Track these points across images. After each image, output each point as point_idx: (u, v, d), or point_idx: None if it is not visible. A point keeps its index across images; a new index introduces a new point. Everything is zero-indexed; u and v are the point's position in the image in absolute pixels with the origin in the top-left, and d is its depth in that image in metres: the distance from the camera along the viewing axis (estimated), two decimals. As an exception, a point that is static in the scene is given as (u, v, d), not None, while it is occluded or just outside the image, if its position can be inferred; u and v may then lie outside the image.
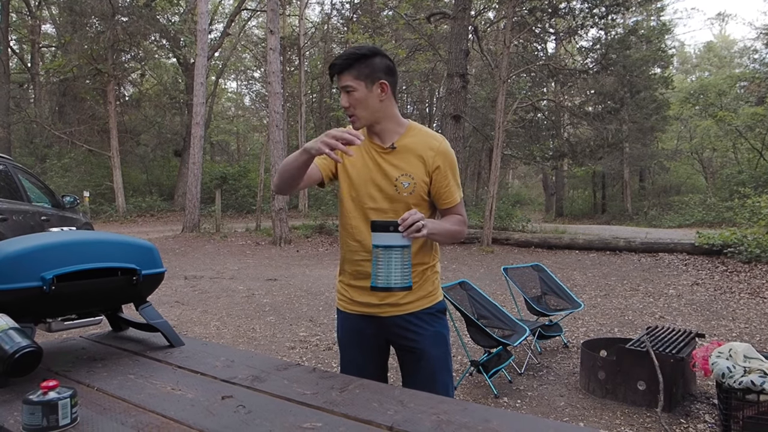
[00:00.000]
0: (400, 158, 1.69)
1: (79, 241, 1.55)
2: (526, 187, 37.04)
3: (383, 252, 1.44)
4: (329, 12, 26.00)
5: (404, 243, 1.45)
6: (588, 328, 5.27)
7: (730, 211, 14.54)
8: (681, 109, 23.50)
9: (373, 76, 1.65)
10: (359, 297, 1.76)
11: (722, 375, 2.81)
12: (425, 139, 1.70)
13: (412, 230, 1.44)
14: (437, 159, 1.68)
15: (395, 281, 1.43)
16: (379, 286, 1.45)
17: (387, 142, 1.71)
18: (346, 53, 1.66)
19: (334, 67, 1.66)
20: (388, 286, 1.44)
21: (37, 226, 5.22)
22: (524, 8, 12.90)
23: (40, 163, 19.39)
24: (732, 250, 8.11)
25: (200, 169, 14.07)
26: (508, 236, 10.94)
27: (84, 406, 1.18)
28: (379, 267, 1.44)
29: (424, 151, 1.68)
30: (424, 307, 1.75)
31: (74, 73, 19.07)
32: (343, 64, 1.63)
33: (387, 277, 1.43)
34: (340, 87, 1.66)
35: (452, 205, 1.72)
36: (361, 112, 1.66)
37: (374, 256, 1.46)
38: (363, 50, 1.66)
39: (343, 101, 1.66)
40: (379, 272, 1.44)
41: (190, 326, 5.20)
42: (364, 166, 1.72)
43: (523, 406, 3.36)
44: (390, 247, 1.43)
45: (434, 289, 1.79)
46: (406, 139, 1.70)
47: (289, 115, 25.17)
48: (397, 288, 1.44)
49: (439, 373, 1.73)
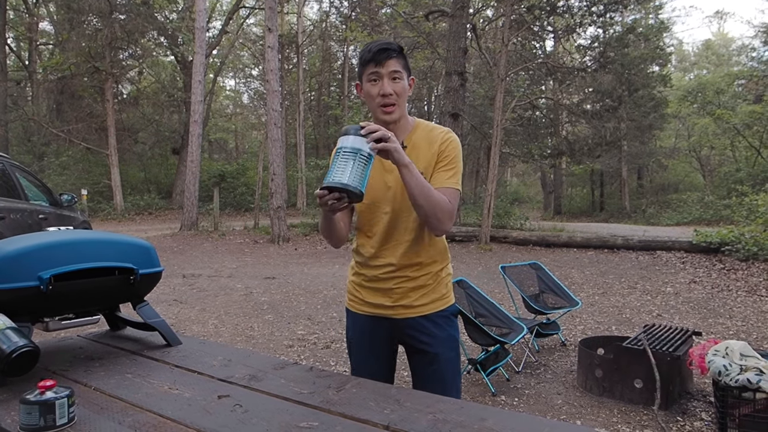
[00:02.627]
0: (412, 156, 1.62)
1: (76, 241, 1.56)
2: (524, 185, 37.04)
3: (349, 154, 1.38)
4: (328, 10, 26.00)
5: (369, 151, 1.40)
6: (585, 326, 5.28)
7: (728, 209, 14.56)
8: (679, 107, 23.52)
9: (409, 69, 1.66)
10: (372, 298, 1.73)
11: (719, 373, 2.82)
12: (432, 133, 1.69)
13: (375, 136, 1.39)
14: (442, 146, 1.66)
15: (352, 181, 1.35)
16: (334, 182, 1.35)
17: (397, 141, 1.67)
18: (387, 42, 1.64)
19: (386, 52, 1.60)
20: (344, 184, 1.34)
21: (34, 225, 5.21)
22: (522, 6, 12.89)
23: (38, 161, 19.36)
24: (729, 248, 8.13)
25: (198, 167, 14.06)
26: (507, 234, 10.95)
27: (81, 406, 1.18)
28: (338, 166, 1.37)
29: (432, 143, 1.67)
30: (438, 310, 1.72)
31: (72, 70, 19.02)
32: (394, 49, 1.61)
33: (342, 175, 1.35)
34: (386, 73, 1.60)
35: (438, 186, 1.61)
36: (402, 102, 1.64)
37: (335, 157, 1.40)
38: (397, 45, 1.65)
39: (387, 88, 1.60)
40: (337, 170, 1.37)
41: (188, 325, 5.20)
42: (373, 169, 1.63)
43: (521, 404, 3.37)
44: (356, 150, 1.37)
45: (447, 291, 1.76)
46: (415, 136, 1.69)
47: (288, 113, 25.17)
48: (352, 188, 1.35)
49: (451, 376, 1.72)
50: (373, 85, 1.62)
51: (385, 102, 1.61)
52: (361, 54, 1.67)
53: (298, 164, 21.25)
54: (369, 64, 1.61)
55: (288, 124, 24.94)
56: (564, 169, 25.15)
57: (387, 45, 1.62)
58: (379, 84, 1.60)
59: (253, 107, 33.49)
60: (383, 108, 1.62)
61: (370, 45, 1.64)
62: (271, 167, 11.97)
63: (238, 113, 34.16)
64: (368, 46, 1.64)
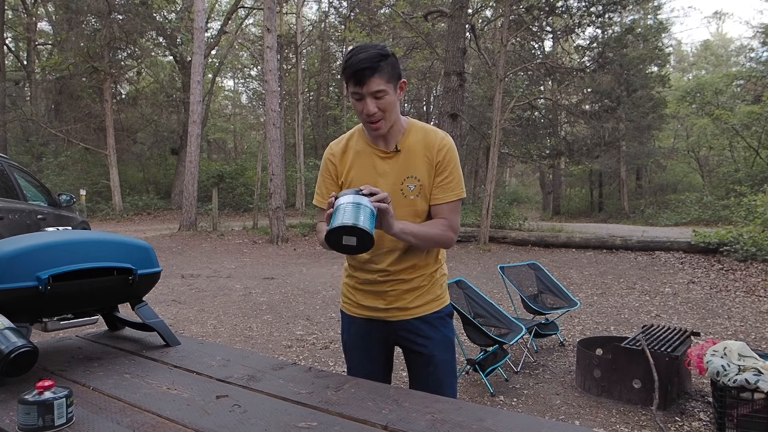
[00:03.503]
0: (405, 160, 1.62)
1: (74, 241, 1.55)
2: (523, 186, 37.08)
3: (351, 204, 1.37)
4: (326, 10, 26.00)
5: (372, 207, 1.40)
6: (584, 326, 5.28)
7: (727, 210, 14.58)
8: (678, 108, 23.53)
9: (396, 75, 1.55)
10: (366, 301, 1.72)
11: (717, 373, 2.82)
12: (428, 137, 1.63)
13: (377, 197, 1.41)
14: (439, 154, 1.61)
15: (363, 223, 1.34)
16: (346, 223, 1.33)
17: (391, 145, 1.63)
18: (367, 54, 1.48)
19: (365, 72, 1.47)
20: (356, 224, 1.33)
21: (33, 225, 5.20)
22: (521, 6, 12.91)
23: (36, 162, 19.36)
24: (728, 249, 8.13)
25: (197, 168, 14.05)
26: (505, 235, 10.95)
27: (80, 406, 1.18)
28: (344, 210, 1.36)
29: (427, 149, 1.61)
30: (433, 311, 1.71)
31: (70, 70, 19.00)
32: (374, 67, 1.47)
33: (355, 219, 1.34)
34: (367, 93, 1.50)
35: (439, 202, 1.61)
36: (390, 116, 1.56)
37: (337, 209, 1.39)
38: (382, 49, 1.51)
39: (371, 107, 1.51)
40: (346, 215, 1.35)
41: (187, 325, 5.20)
42: (366, 175, 1.64)
43: (519, 404, 3.37)
44: (358, 203, 1.38)
45: (442, 292, 1.75)
46: (409, 139, 1.63)
47: (287, 113, 25.16)
48: (363, 228, 1.33)
49: (447, 377, 1.72)
50: (357, 102, 1.55)
51: (371, 120, 1.55)
52: (342, 65, 1.55)
53: (297, 164, 21.24)
54: (350, 82, 1.52)
55: (287, 124, 24.95)
56: (563, 169, 25.18)
57: (367, 62, 1.48)
58: (362, 103, 1.53)
59: (252, 107, 33.49)
60: (370, 124, 1.57)
61: (350, 58, 1.50)
62: (269, 167, 11.97)
63: (236, 113, 34.16)
64: (348, 59, 1.51)
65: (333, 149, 1.72)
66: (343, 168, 1.68)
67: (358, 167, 1.66)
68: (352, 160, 1.67)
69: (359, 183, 1.60)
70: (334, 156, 1.71)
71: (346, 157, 1.69)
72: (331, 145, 1.74)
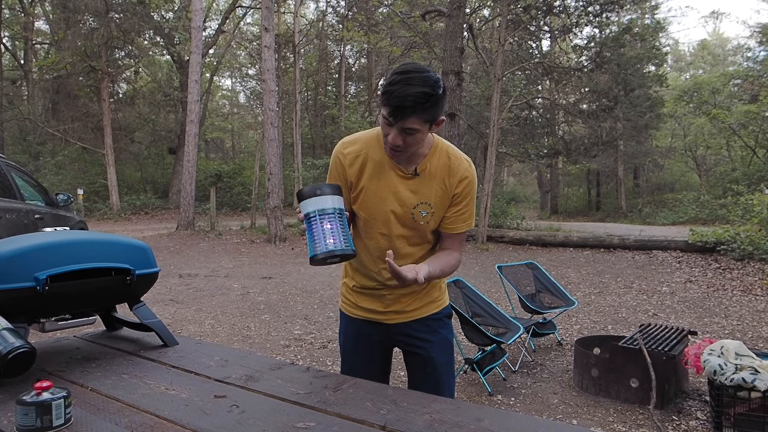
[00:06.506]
0: (421, 184, 1.56)
1: (72, 241, 1.55)
2: (521, 185, 37.10)
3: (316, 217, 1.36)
4: (324, 9, 26.00)
5: (338, 205, 1.38)
6: (582, 325, 5.29)
7: (724, 209, 14.62)
8: (675, 107, 23.59)
9: (438, 115, 1.44)
10: (364, 303, 1.72)
11: (714, 372, 2.83)
12: (451, 164, 1.57)
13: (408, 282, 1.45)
14: (459, 186, 1.56)
15: (336, 245, 1.32)
16: (318, 254, 1.32)
17: (411, 166, 1.56)
18: (416, 91, 1.36)
19: (405, 110, 1.37)
20: (329, 250, 1.32)
21: (30, 225, 5.19)
22: (519, 6, 12.92)
23: (34, 161, 19.29)
24: (725, 248, 8.16)
25: (195, 167, 14.02)
26: (503, 234, 10.96)
27: (78, 407, 1.18)
28: (315, 234, 1.34)
29: (447, 177, 1.56)
30: (431, 313, 1.70)
31: (68, 70, 18.95)
32: (417, 108, 1.37)
33: (325, 242, 1.32)
34: (399, 128, 1.42)
35: (451, 233, 1.62)
36: (413, 149, 1.50)
37: (307, 225, 1.37)
38: (434, 85, 1.38)
39: (397, 140, 1.44)
40: (317, 239, 1.33)
41: (185, 324, 5.19)
42: (379, 188, 1.58)
43: (517, 403, 3.38)
44: (324, 211, 1.36)
45: (441, 294, 1.74)
46: (431, 163, 1.56)
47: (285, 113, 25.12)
48: (339, 251, 1.31)
49: (445, 378, 1.72)
50: (385, 126, 1.46)
51: (392, 149, 1.50)
52: (386, 84, 1.42)
53: (295, 164, 21.21)
54: (385, 107, 1.41)
55: (285, 123, 24.90)
56: (560, 168, 25.22)
57: (411, 101, 1.36)
58: (390, 129, 1.44)
59: (250, 107, 33.45)
60: (389, 150, 1.51)
61: (397, 84, 1.37)
62: (267, 167, 11.95)
63: (234, 113, 34.11)
64: (394, 84, 1.38)
65: (345, 150, 1.61)
66: (353, 171, 1.59)
67: (372, 178, 1.58)
68: (368, 169, 1.58)
69: (371, 194, 1.58)
70: (345, 157, 1.61)
71: (358, 161, 1.59)
72: (345, 142, 1.64)
